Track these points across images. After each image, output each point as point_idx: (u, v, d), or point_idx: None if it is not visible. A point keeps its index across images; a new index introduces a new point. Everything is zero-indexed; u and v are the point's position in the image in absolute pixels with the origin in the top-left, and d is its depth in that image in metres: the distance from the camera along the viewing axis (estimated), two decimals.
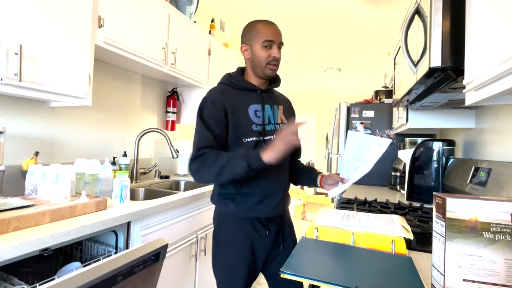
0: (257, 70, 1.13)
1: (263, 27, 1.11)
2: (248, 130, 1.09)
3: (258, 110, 1.12)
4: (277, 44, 1.11)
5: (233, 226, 1.11)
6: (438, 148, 1.59)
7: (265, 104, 1.14)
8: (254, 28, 1.12)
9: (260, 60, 1.10)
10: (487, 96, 0.70)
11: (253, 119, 1.10)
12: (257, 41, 1.10)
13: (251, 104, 1.12)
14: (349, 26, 3.22)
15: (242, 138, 1.08)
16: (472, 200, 0.54)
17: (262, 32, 1.10)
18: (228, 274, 1.11)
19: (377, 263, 0.70)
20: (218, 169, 0.99)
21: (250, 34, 1.13)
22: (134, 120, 2.07)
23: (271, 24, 1.12)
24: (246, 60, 1.17)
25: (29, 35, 1.08)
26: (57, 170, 1.08)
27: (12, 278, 0.87)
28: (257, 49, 1.10)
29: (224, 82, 1.18)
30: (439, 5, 0.89)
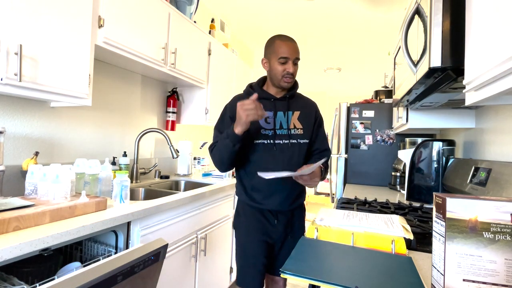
0: (274, 81, 1.28)
1: (280, 44, 1.23)
2: (257, 134, 1.26)
3: (269, 117, 1.28)
4: (292, 59, 1.22)
5: (248, 213, 1.30)
6: (438, 148, 1.59)
7: (277, 111, 1.29)
8: (272, 44, 1.25)
9: (276, 73, 1.24)
10: (487, 96, 0.70)
11: (262, 124, 1.27)
12: (274, 56, 1.23)
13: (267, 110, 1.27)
14: (349, 26, 3.22)
15: (253, 140, 1.26)
16: (472, 200, 0.54)
17: (278, 49, 1.22)
18: (246, 254, 1.27)
19: (377, 263, 0.70)
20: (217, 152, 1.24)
21: (269, 49, 1.26)
22: (134, 120, 2.07)
23: (287, 41, 1.23)
24: (267, 72, 1.31)
25: (29, 35, 1.08)
26: (57, 170, 1.08)
27: (12, 278, 0.87)
28: (274, 64, 1.24)
29: (245, 91, 1.36)
30: (439, 5, 0.89)
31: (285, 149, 1.27)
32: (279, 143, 1.27)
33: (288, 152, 1.27)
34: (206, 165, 2.67)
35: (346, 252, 0.78)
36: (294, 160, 1.27)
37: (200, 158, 2.65)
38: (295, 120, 1.31)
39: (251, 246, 1.26)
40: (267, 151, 1.25)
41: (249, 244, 1.27)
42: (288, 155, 1.27)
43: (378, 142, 2.39)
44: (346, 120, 2.48)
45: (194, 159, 2.64)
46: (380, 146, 2.38)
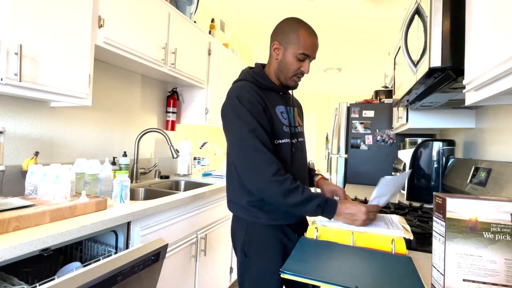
0: (281, 76, 1.06)
1: (306, 36, 1.00)
2: (280, 132, 1.03)
3: (283, 111, 1.07)
4: (311, 59, 1.04)
5: (265, 236, 1.03)
6: (438, 148, 1.59)
7: (287, 106, 1.10)
8: (296, 32, 1.01)
9: (289, 68, 1.03)
10: (487, 96, 0.70)
11: (282, 120, 1.05)
12: (294, 47, 1.01)
13: (277, 105, 1.06)
14: (349, 26, 3.22)
15: (274, 140, 1.01)
16: (472, 200, 0.54)
17: (303, 42, 1.00)
18: (260, 286, 1.02)
19: (377, 263, 0.70)
20: (292, 202, 0.90)
21: (289, 36, 1.02)
22: (134, 120, 2.07)
23: (314, 36, 1.02)
24: (273, 59, 1.06)
25: (29, 35, 1.08)
26: (57, 170, 1.08)
27: (12, 278, 0.87)
28: (290, 57, 1.02)
29: (247, 78, 1.06)
30: (439, 5, 0.89)
31: (299, 149, 1.11)
32: (294, 142, 1.09)
33: (300, 153, 1.12)
34: (206, 165, 2.67)
35: (346, 252, 0.78)
36: (304, 162, 1.14)
37: (200, 158, 2.65)
38: (296, 117, 1.16)
39: (271, 275, 1.01)
40: (286, 152, 1.04)
41: (269, 274, 1.01)
42: (302, 156, 1.13)
43: (378, 142, 2.39)
44: (346, 120, 2.48)
45: (194, 159, 2.64)
46: (380, 146, 2.38)
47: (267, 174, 0.90)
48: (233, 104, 0.98)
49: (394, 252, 0.78)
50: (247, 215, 1.04)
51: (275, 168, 0.91)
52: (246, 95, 0.98)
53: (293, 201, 0.90)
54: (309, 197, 0.91)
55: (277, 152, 1.01)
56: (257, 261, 1.03)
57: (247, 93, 0.99)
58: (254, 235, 1.04)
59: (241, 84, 1.04)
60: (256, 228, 1.04)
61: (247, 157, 0.93)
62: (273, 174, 0.90)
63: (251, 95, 0.99)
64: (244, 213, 1.05)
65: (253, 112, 0.96)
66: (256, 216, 1.02)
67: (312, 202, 0.91)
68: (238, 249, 1.08)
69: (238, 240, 1.08)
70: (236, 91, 1.00)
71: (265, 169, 0.91)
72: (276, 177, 0.90)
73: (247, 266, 1.04)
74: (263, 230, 1.03)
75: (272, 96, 1.07)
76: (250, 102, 0.97)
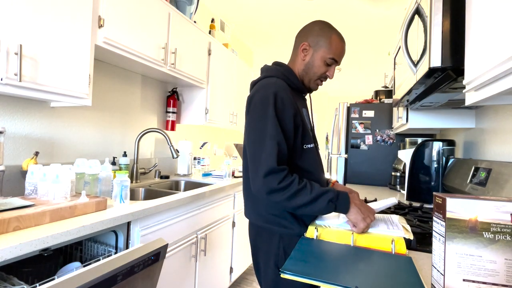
0: (305, 78, 1.05)
1: (337, 42, 1.00)
2: (308, 136, 1.00)
3: (306, 114, 1.05)
4: (337, 65, 1.04)
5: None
6: (438, 148, 1.59)
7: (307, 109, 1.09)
8: (329, 36, 1.00)
9: (316, 72, 1.02)
10: (487, 96, 0.70)
11: (307, 123, 1.03)
12: (324, 51, 1.00)
13: (303, 107, 1.05)
14: (349, 26, 3.22)
15: (303, 145, 0.98)
16: (472, 200, 0.54)
17: (334, 47, 1.00)
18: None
19: (377, 263, 0.70)
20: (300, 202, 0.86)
21: (321, 39, 1.01)
22: (134, 120, 2.07)
23: (344, 43, 1.03)
24: (300, 60, 1.04)
25: (29, 35, 1.08)
26: (57, 170, 1.08)
27: (12, 278, 0.87)
28: (319, 60, 1.01)
29: (279, 76, 1.02)
30: (439, 5, 0.89)
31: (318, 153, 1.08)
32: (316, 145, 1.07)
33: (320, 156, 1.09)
34: (206, 165, 2.67)
35: (346, 252, 0.78)
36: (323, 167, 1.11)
37: (200, 158, 2.65)
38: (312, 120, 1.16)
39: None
40: (314, 156, 1.01)
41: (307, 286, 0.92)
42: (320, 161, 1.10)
43: (378, 142, 2.39)
44: (346, 120, 2.48)
45: (194, 159, 2.64)
46: (380, 146, 2.38)
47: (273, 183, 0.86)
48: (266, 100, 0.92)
49: (394, 252, 0.78)
50: (280, 226, 0.96)
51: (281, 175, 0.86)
52: (283, 95, 0.93)
53: (302, 202, 0.86)
54: (319, 194, 0.87)
55: (305, 157, 0.98)
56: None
57: (284, 93, 0.94)
58: (290, 248, 0.96)
59: (275, 81, 0.97)
60: (291, 240, 0.96)
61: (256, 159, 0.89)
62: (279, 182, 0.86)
63: (287, 95, 0.94)
64: (275, 224, 0.97)
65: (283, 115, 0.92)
66: (290, 226, 0.96)
67: (323, 198, 0.87)
68: (267, 265, 0.99)
69: (266, 255, 0.99)
70: (273, 87, 0.94)
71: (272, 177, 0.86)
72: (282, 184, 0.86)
73: (283, 282, 0.94)
74: (296, 239, 0.95)
75: (299, 97, 1.06)
76: (284, 104, 0.93)
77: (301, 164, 0.98)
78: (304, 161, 0.98)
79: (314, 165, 1.00)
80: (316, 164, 1.02)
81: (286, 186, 0.86)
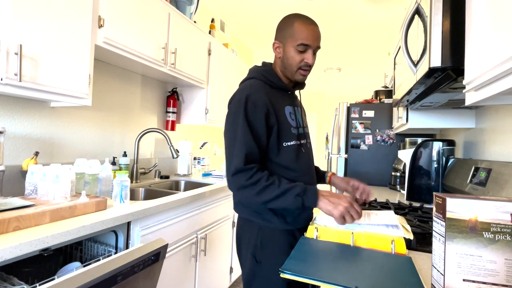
0: (287, 72, 1.05)
1: (301, 26, 0.99)
2: (288, 134, 1.02)
3: (291, 112, 1.06)
4: (313, 48, 1.00)
5: (278, 241, 1.01)
6: (438, 148, 1.59)
7: (295, 106, 1.09)
8: (291, 25, 1.00)
9: (292, 63, 1.02)
10: (487, 96, 0.70)
11: (290, 121, 1.03)
12: (292, 42, 1.00)
13: (286, 106, 1.05)
14: (349, 26, 3.22)
15: (283, 142, 1.00)
16: (472, 200, 0.54)
17: (298, 33, 0.98)
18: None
19: (377, 263, 0.70)
20: (268, 198, 0.91)
21: (285, 32, 1.01)
22: (134, 120, 2.07)
23: (310, 24, 1.00)
24: (277, 58, 1.07)
25: (29, 35, 1.08)
26: (57, 170, 1.08)
27: (12, 278, 0.87)
28: (290, 51, 1.01)
29: (258, 77, 1.05)
30: (439, 5, 0.89)
31: (308, 151, 1.10)
32: (304, 143, 1.07)
33: (310, 155, 1.11)
34: (206, 165, 2.67)
35: (346, 252, 0.78)
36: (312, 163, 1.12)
37: (200, 158, 2.65)
38: (303, 117, 1.16)
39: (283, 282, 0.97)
40: (294, 154, 1.02)
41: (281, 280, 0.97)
42: (311, 158, 1.11)
43: (378, 142, 2.39)
44: (346, 120, 2.48)
45: (194, 159, 2.64)
46: (380, 146, 2.38)
47: (241, 180, 0.91)
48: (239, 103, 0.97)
49: (394, 252, 0.78)
50: (260, 219, 1.01)
51: (250, 173, 0.91)
52: (254, 97, 0.97)
53: (270, 197, 0.90)
54: (286, 189, 0.90)
55: (284, 155, 1.00)
56: (268, 266, 1.00)
57: (255, 95, 0.97)
58: (268, 240, 1.00)
59: (252, 83, 1.02)
60: (269, 233, 1.01)
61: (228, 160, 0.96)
62: (247, 179, 0.91)
63: (259, 97, 0.97)
64: (256, 217, 1.02)
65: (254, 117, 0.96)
66: (270, 220, 1.00)
67: (290, 193, 0.90)
68: (246, 255, 1.04)
69: (246, 245, 1.04)
70: (247, 90, 0.98)
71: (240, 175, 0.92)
72: (250, 181, 0.91)
73: (258, 272, 1.00)
74: (276, 235, 1.01)
75: (282, 95, 1.07)
76: (255, 105, 0.96)
77: (279, 161, 1.00)
78: (282, 158, 1.00)
79: (294, 162, 1.02)
80: (298, 160, 1.03)
81: (254, 183, 0.91)
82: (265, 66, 1.09)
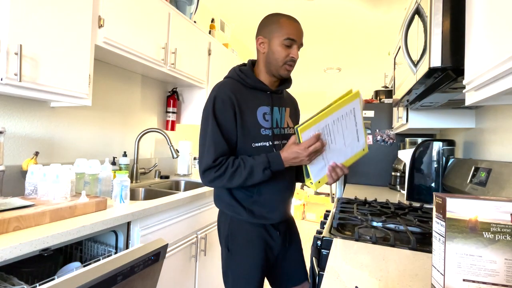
0: (271, 68, 1.06)
1: (287, 22, 1.02)
2: (256, 135, 1.04)
3: (267, 113, 1.07)
4: (298, 44, 1.04)
5: (248, 232, 1.06)
6: (438, 148, 1.59)
7: (274, 106, 1.09)
8: (277, 21, 1.03)
9: (277, 58, 1.03)
10: (487, 96, 0.70)
11: (261, 122, 1.05)
12: (278, 36, 1.02)
13: (260, 106, 1.07)
14: (349, 26, 3.22)
15: (251, 143, 1.03)
16: (472, 200, 0.54)
17: (285, 28, 1.01)
18: (243, 281, 1.04)
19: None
20: (240, 181, 0.98)
21: (271, 27, 1.04)
22: (134, 120, 2.07)
23: (296, 22, 1.04)
24: (261, 54, 1.08)
25: (29, 35, 1.08)
26: (57, 170, 1.08)
27: (12, 278, 0.87)
28: (276, 46, 1.03)
29: (233, 76, 1.09)
30: (439, 5, 0.89)
31: None
32: (278, 144, 1.08)
33: None
34: None
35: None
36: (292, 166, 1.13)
37: None
38: (287, 118, 1.15)
39: (253, 271, 1.05)
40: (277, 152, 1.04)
41: (251, 269, 1.05)
42: None
43: (378, 142, 2.39)
44: None
45: (194, 159, 2.64)
46: (380, 146, 2.38)
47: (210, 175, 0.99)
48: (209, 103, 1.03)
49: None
50: (230, 211, 1.08)
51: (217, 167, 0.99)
52: (223, 97, 1.02)
53: (241, 179, 0.98)
54: (252, 167, 0.98)
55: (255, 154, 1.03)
56: (239, 256, 1.06)
57: (225, 95, 1.02)
58: (237, 231, 1.07)
59: (223, 82, 1.06)
60: (239, 224, 1.07)
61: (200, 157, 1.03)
62: (215, 172, 0.98)
63: (228, 97, 1.02)
64: (228, 209, 1.08)
65: (222, 116, 1.01)
66: (239, 212, 1.06)
67: (257, 169, 0.97)
68: (222, 244, 1.11)
69: (222, 235, 1.11)
70: (216, 91, 1.04)
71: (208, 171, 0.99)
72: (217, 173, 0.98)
73: (230, 261, 1.07)
74: (245, 226, 1.07)
75: (256, 96, 1.08)
76: (224, 105, 1.01)
77: None
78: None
79: None
80: None
81: (222, 173, 0.98)
82: (244, 66, 1.11)
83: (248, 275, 1.04)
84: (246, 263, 1.05)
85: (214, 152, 0.98)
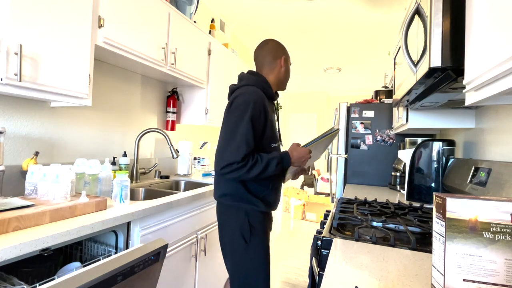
0: (280, 84, 1.34)
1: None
2: (275, 136, 1.26)
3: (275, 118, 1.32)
4: None
5: (262, 222, 1.22)
6: (438, 148, 1.59)
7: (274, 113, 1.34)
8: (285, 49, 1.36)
9: (287, 76, 1.35)
10: (487, 96, 0.70)
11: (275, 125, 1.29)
12: (289, 60, 1.36)
13: (272, 112, 1.30)
14: (349, 26, 3.22)
15: (271, 144, 1.23)
16: (472, 200, 0.54)
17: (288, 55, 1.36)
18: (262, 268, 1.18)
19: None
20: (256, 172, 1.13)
21: (285, 52, 1.34)
22: (134, 120, 2.07)
23: None
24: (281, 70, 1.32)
25: (29, 35, 1.08)
26: (57, 170, 1.08)
27: (12, 278, 0.87)
28: (288, 67, 1.35)
29: (258, 85, 1.26)
30: (439, 5, 0.89)
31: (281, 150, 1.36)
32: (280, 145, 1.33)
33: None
34: (206, 165, 2.67)
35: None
36: None
37: (200, 158, 2.65)
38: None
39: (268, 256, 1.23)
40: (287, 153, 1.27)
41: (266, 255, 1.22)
42: None
43: (378, 142, 2.39)
44: (346, 120, 2.48)
45: (194, 159, 2.64)
46: (380, 146, 2.38)
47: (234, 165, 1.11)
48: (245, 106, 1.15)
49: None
50: (247, 204, 1.20)
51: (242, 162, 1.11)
52: (260, 105, 1.17)
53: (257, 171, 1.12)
54: (268, 162, 1.14)
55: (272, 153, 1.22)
56: (259, 245, 1.19)
57: (260, 103, 1.17)
58: (256, 222, 1.20)
59: (256, 91, 1.21)
60: (255, 215, 1.20)
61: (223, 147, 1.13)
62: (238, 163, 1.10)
63: (262, 105, 1.18)
64: (243, 202, 1.20)
65: (257, 121, 1.15)
66: (255, 203, 1.20)
67: (271, 163, 1.14)
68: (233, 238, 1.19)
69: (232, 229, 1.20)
70: (254, 96, 1.17)
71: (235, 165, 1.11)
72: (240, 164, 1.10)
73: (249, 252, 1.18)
74: (260, 216, 1.21)
75: (270, 104, 1.30)
76: (260, 112, 1.16)
77: None
78: None
79: None
80: None
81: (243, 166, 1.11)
82: (259, 77, 1.29)
83: (265, 260, 1.19)
84: (263, 250, 1.19)
85: (245, 151, 1.11)
